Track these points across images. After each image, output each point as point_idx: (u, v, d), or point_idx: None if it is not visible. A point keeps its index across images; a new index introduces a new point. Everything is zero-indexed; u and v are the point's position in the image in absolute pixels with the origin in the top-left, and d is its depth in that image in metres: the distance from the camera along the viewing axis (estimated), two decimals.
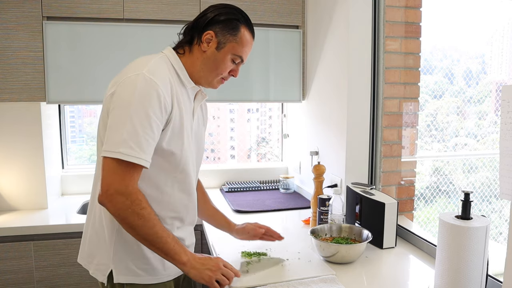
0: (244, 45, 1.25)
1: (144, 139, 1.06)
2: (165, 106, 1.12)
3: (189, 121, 1.24)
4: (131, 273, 1.19)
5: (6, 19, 2.00)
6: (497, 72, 3.07)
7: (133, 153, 1.05)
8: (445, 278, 1.13)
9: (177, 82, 1.21)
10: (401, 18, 1.87)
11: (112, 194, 1.05)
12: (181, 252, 1.12)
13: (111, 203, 1.06)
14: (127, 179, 1.06)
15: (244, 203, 2.24)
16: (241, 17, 1.24)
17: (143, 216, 1.07)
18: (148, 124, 1.07)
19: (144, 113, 1.07)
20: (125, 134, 1.05)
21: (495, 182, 3.01)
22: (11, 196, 2.21)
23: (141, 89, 1.08)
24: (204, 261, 1.15)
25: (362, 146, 1.91)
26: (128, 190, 1.06)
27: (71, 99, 2.15)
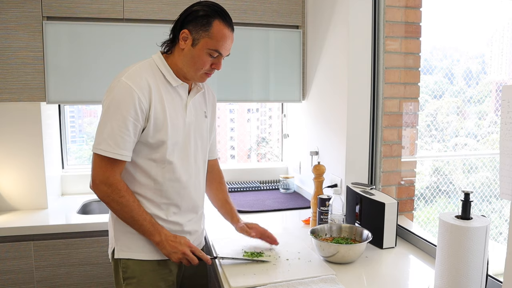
0: (218, 39, 1.29)
1: (120, 137, 1.24)
2: (140, 107, 1.26)
3: (179, 116, 1.35)
4: (129, 249, 1.36)
5: (6, 19, 2.00)
6: (497, 72, 3.07)
7: (111, 149, 1.24)
8: (445, 278, 1.13)
9: (162, 83, 1.33)
10: (401, 18, 1.87)
11: (97, 184, 1.27)
12: (155, 233, 1.31)
13: (97, 191, 1.28)
14: (108, 172, 1.26)
15: (244, 203, 2.24)
16: (213, 12, 1.29)
17: (121, 203, 1.27)
18: (124, 124, 1.24)
19: (120, 115, 1.24)
20: (105, 134, 1.24)
21: (495, 182, 3.00)
22: (11, 196, 2.21)
23: (118, 94, 1.25)
24: (174, 244, 1.32)
25: (362, 146, 1.91)
26: (109, 181, 1.26)
27: (71, 99, 2.15)
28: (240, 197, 2.38)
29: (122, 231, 1.35)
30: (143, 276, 1.36)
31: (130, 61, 2.20)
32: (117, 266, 1.37)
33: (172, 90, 1.34)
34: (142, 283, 1.35)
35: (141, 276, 1.35)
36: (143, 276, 1.36)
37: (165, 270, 1.39)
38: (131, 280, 1.35)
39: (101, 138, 1.25)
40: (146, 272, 1.36)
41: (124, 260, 1.35)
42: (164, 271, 1.39)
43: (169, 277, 1.40)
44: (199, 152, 1.43)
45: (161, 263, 1.38)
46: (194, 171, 1.42)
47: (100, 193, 1.28)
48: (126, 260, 1.35)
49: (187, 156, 1.38)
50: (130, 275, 1.35)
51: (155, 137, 1.30)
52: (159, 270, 1.38)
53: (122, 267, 1.36)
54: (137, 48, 2.17)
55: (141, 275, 1.35)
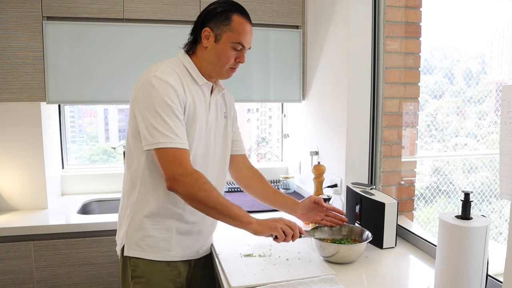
0: (239, 31, 1.32)
1: (174, 126, 1.23)
2: (181, 97, 1.27)
3: (203, 114, 1.37)
4: (139, 248, 1.35)
5: (6, 19, 2.00)
6: (497, 72, 3.07)
7: (170, 139, 1.21)
8: (445, 278, 1.13)
9: (189, 81, 1.34)
10: (401, 18, 1.87)
11: (178, 179, 1.21)
12: (247, 215, 1.27)
13: (180, 186, 1.22)
14: (184, 163, 1.23)
15: (244, 203, 2.24)
16: (231, 7, 1.33)
17: (207, 189, 1.23)
18: (172, 113, 1.23)
19: (166, 105, 1.23)
20: (158, 127, 1.21)
21: (495, 182, 3.00)
22: (11, 196, 2.21)
23: (158, 87, 1.24)
24: (268, 220, 1.30)
25: (362, 146, 1.91)
26: (189, 171, 1.22)
27: (71, 99, 2.15)
28: (240, 197, 2.38)
29: (136, 228, 1.35)
30: (152, 277, 1.36)
31: (130, 61, 2.20)
32: (126, 264, 1.37)
33: (197, 88, 1.36)
34: (151, 283, 1.35)
35: (150, 276, 1.35)
36: (152, 277, 1.36)
37: (175, 272, 1.40)
38: (140, 279, 1.35)
39: (156, 132, 1.21)
40: (156, 273, 1.36)
41: (134, 259, 1.36)
42: (173, 273, 1.39)
43: (178, 279, 1.41)
44: (218, 150, 1.45)
45: (171, 264, 1.38)
46: (216, 170, 1.44)
47: (185, 187, 1.22)
48: (136, 259, 1.36)
49: (207, 153, 1.40)
50: (139, 274, 1.35)
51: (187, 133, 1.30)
52: (168, 271, 1.38)
53: (132, 265, 1.36)
54: (137, 48, 2.17)
55: (150, 275, 1.35)
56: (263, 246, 1.53)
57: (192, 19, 1.36)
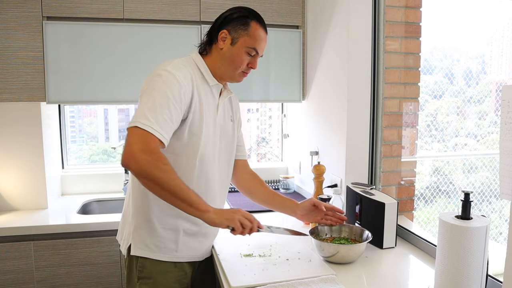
0: (256, 38, 1.36)
1: (161, 116, 1.18)
2: (184, 94, 1.25)
3: (211, 115, 1.37)
4: (146, 248, 1.35)
5: (6, 19, 2.00)
6: (497, 72, 3.07)
7: (150, 124, 1.16)
8: (445, 278, 1.13)
9: (200, 80, 1.34)
10: (401, 18, 1.87)
11: (135, 153, 1.13)
12: (204, 203, 1.22)
13: (135, 162, 1.13)
14: (149, 141, 1.16)
15: (244, 203, 2.24)
16: (250, 14, 1.37)
17: (166, 170, 1.15)
18: (166, 105, 1.20)
19: (164, 95, 1.20)
20: (145, 110, 1.18)
21: (495, 182, 3.00)
22: (11, 196, 2.21)
23: (164, 78, 1.23)
24: (226, 210, 1.27)
25: (362, 146, 1.91)
26: (150, 148, 1.15)
27: (71, 99, 2.15)
28: (241, 197, 2.37)
29: (142, 227, 1.35)
30: (159, 277, 1.36)
31: (130, 61, 2.20)
32: (132, 264, 1.37)
33: (208, 89, 1.37)
34: (158, 284, 1.35)
35: (157, 277, 1.35)
36: (159, 277, 1.35)
37: (181, 272, 1.40)
38: (147, 280, 1.35)
39: (140, 113, 1.18)
40: (163, 273, 1.36)
41: (141, 259, 1.35)
42: (180, 273, 1.39)
43: (184, 280, 1.41)
44: (223, 153, 1.45)
45: (178, 265, 1.38)
46: (218, 171, 1.43)
47: (140, 162, 1.12)
48: (144, 259, 1.35)
49: (213, 155, 1.39)
50: (146, 275, 1.35)
51: (192, 130, 1.30)
52: (175, 272, 1.38)
53: (139, 266, 1.35)
54: (137, 48, 2.17)
55: (157, 276, 1.35)
56: (263, 246, 1.53)
57: (192, 19, 1.37)
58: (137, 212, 1.36)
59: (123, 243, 1.42)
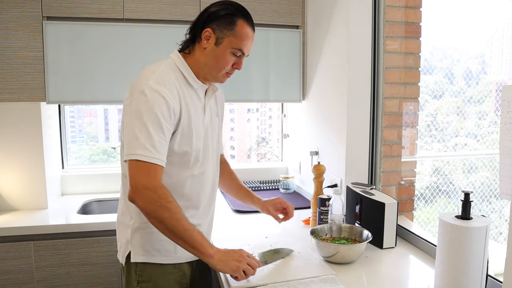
0: (242, 38, 1.28)
1: (158, 142, 1.17)
2: (173, 111, 1.22)
3: (200, 119, 1.33)
4: (146, 253, 1.32)
5: (6, 19, 2.00)
6: (497, 72, 3.07)
7: (150, 154, 1.15)
8: (445, 278, 1.13)
9: (184, 85, 1.29)
10: (401, 18, 1.87)
11: (140, 190, 1.14)
12: (208, 246, 1.19)
13: (140, 198, 1.15)
14: (151, 176, 1.16)
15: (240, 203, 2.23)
16: (237, 11, 1.28)
17: (170, 209, 1.15)
18: (160, 128, 1.18)
19: (155, 118, 1.17)
20: (142, 139, 1.16)
21: (495, 182, 3.00)
22: (11, 196, 2.20)
23: (151, 98, 1.18)
24: (229, 253, 1.22)
25: (362, 146, 1.91)
26: (154, 185, 1.15)
27: (71, 99, 2.15)
28: None
29: (140, 234, 1.31)
30: (159, 280, 1.34)
31: (130, 61, 2.19)
32: (131, 269, 1.34)
33: (193, 92, 1.32)
34: (158, 287, 1.34)
35: (157, 280, 1.34)
36: (159, 280, 1.34)
37: (180, 273, 1.39)
38: (147, 283, 1.33)
39: (137, 143, 1.16)
40: (163, 276, 1.35)
41: (140, 265, 1.32)
42: (179, 274, 1.38)
43: (183, 280, 1.40)
44: (214, 152, 1.43)
45: (177, 266, 1.37)
46: (212, 171, 1.42)
47: (145, 200, 1.14)
48: (143, 264, 1.32)
49: (207, 158, 1.37)
50: (146, 278, 1.33)
51: (181, 144, 1.27)
52: (175, 273, 1.37)
53: (138, 270, 1.33)
54: (137, 48, 2.17)
55: (157, 278, 1.34)
56: (263, 246, 1.53)
57: (192, 19, 1.35)
58: (132, 219, 1.33)
59: (120, 251, 1.38)
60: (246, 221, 1.97)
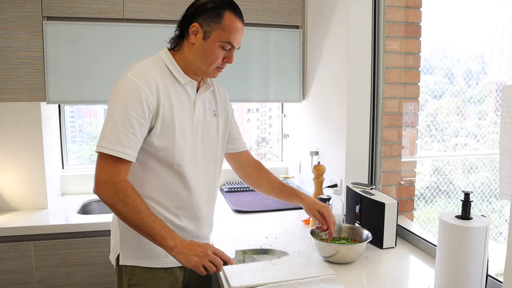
0: (230, 31, 1.25)
1: (124, 135, 1.16)
2: (147, 105, 1.19)
3: (186, 115, 1.29)
4: (135, 256, 1.30)
5: (6, 19, 2.00)
6: (497, 72, 3.07)
7: (113, 146, 1.15)
8: (445, 278, 1.13)
9: (170, 81, 1.27)
10: (401, 18, 1.87)
11: (100, 185, 1.17)
12: (168, 237, 1.16)
13: (100, 193, 1.17)
14: (112, 171, 1.16)
15: (244, 203, 2.24)
16: (223, 4, 1.25)
17: (128, 203, 1.15)
18: (128, 121, 1.16)
19: (124, 112, 1.16)
20: (107, 131, 1.17)
21: (495, 182, 3.00)
22: (11, 196, 2.20)
23: (124, 91, 1.18)
24: (192, 247, 1.18)
25: (362, 146, 1.91)
26: (113, 180, 1.16)
27: (71, 99, 2.15)
28: (240, 197, 2.38)
29: (129, 236, 1.29)
30: (149, 284, 1.32)
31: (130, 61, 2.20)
32: (122, 272, 1.32)
33: (180, 88, 1.28)
34: None
35: (147, 284, 1.31)
36: (149, 284, 1.32)
37: (172, 278, 1.36)
38: (137, 287, 1.31)
39: (103, 135, 1.17)
40: (153, 280, 1.32)
41: (130, 267, 1.31)
42: (171, 279, 1.35)
43: (175, 285, 1.37)
44: (208, 152, 1.38)
45: (168, 270, 1.34)
46: (203, 171, 1.37)
47: (104, 194, 1.16)
48: (133, 267, 1.30)
49: (195, 156, 1.33)
50: (136, 282, 1.31)
51: (162, 138, 1.24)
52: (165, 277, 1.34)
53: (128, 273, 1.31)
54: (137, 48, 2.17)
55: (147, 282, 1.31)
56: (263, 246, 1.53)
57: None
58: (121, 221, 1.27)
59: (112, 253, 1.37)
60: (246, 221, 1.97)
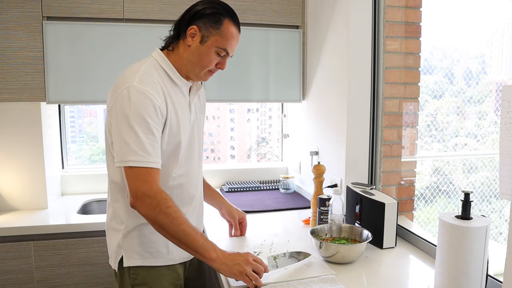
0: (227, 38, 1.27)
1: (149, 144, 1.16)
2: (160, 111, 1.20)
3: (186, 116, 1.32)
4: (139, 256, 1.30)
5: (6, 19, 2.00)
6: (497, 72, 3.07)
7: (143, 158, 1.15)
8: (445, 278, 1.13)
9: (169, 84, 1.28)
10: (401, 18, 1.87)
11: (140, 197, 1.15)
12: (211, 249, 1.17)
13: (141, 205, 1.16)
14: (150, 182, 1.15)
15: (244, 203, 2.24)
16: (224, 11, 1.27)
17: (170, 214, 1.15)
18: (149, 130, 1.17)
19: (143, 121, 1.16)
20: (132, 144, 1.15)
21: (495, 182, 3.00)
22: (11, 196, 2.21)
23: (135, 100, 1.17)
24: (234, 257, 1.19)
25: (362, 146, 1.91)
26: (153, 191, 1.15)
27: (71, 99, 2.15)
28: (240, 197, 2.38)
29: (133, 237, 1.30)
30: (154, 282, 1.33)
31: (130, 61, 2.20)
32: (124, 274, 1.32)
33: (177, 89, 1.30)
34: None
35: (151, 283, 1.32)
36: (153, 282, 1.33)
37: (174, 274, 1.37)
38: (142, 286, 1.31)
39: (127, 149, 1.15)
40: (157, 278, 1.34)
41: (134, 269, 1.31)
42: (173, 275, 1.37)
43: (178, 281, 1.39)
44: (200, 150, 1.44)
45: (170, 267, 1.36)
46: (197, 170, 1.41)
47: (146, 207, 1.15)
48: (137, 268, 1.31)
49: (193, 156, 1.37)
50: (140, 282, 1.31)
51: (170, 143, 1.26)
52: (169, 274, 1.36)
53: (132, 274, 1.31)
54: (137, 48, 2.17)
55: (152, 281, 1.32)
56: (264, 246, 1.53)
57: None
58: (122, 223, 1.30)
59: (112, 257, 1.35)
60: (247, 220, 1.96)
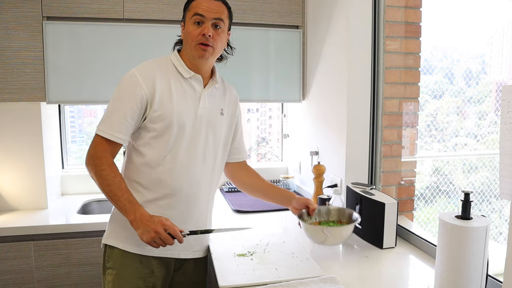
0: (194, 6, 1.36)
1: (116, 120, 1.31)
2: (141, 95, 1.32)
3: (190, 106, 1.38)
4: (115, 238, 1.38)
5: (6, 19, 2.00)
6: (497, 72, 3.07)
7: (106, 129, 1.30)
8: (445, 278, 1.13)
9: (173, 74, 1.39)
10: (401, 18, 1.87)
11: (87, 159, 1.32)
12: (130, 211, 1.25)
13: (87, 166, 1.32)
14: (98, 148, 1.31)
15: (244, 203, 2.24)
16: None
17: (102, 176, 1.28)
18: (122, 108, 1.31)
19: (119, 100, 1.33)
20: (104, 116, 1.33)
21: (495, 182, 3.00)
22: (11, 196, 2.20)
23: (123, 82, 1.35)
24: (148, 222, 1.23)
25: (362, 146, 1.91)
26: (97, 155, 1.30)
27: (71, 99, 2.15)
28: (240, 197, 2.38)
29: (115, 218, 1.40)
30: (122, 270, 1.36)
31: (130, 61, 2.20)
32: (104, 253, 1.41)
33: (184, 82, 1.39)
34: (120, 277, 1.35)
35: (120, 269, 1.36)
36: (122, 270, 1.36)
37: (147, 270, 1.37)
38: (112, 271, 1.37)
39: (101, 119, 1.33)
40: (126, 267, 1.36)
41: (109, 249, 1.39)
42: (145, 270, 1.37)
43: (149, 278, 1.38)
44: (210, 147, 1.43)
45: (144, 261, 1.36)
46: (202, 164, 1.41)
47: (88, 168, 1.31)
48: (111, 249, 1.38)
49: (195, 148, 1.39)
50: (112, 266, 1.38)
51: (160, 124, 1.33)
52: (140, 268, 1.36)
53: (107, 255, 1.40)
54: (137, 48, 2.17)
55: (120, 268, 1.36)
56: (259, 246, 1.53)
57: None
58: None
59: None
60: (246, 221, 1.97)
